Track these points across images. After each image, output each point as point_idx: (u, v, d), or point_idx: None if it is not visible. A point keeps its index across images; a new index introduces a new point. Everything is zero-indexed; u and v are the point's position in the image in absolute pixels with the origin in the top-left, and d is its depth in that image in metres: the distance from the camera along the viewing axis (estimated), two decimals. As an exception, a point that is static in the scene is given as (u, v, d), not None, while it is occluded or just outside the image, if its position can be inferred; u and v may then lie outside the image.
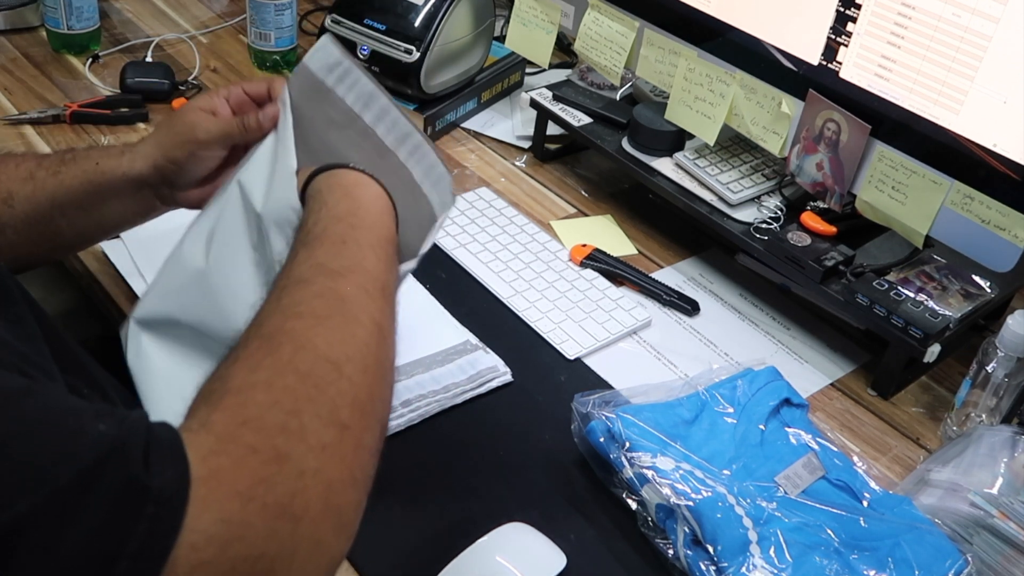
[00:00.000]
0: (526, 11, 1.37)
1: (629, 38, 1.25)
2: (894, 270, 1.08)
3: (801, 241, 1.11)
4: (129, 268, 1.07)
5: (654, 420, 0.90)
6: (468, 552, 0.81)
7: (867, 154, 1.03)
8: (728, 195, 1.17)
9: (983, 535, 0.83)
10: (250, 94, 0.93)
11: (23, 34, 1.56)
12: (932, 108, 0.97)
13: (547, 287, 1.14)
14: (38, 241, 0.92)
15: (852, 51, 1.02)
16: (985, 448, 0.90)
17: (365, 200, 0.73)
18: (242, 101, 0.92)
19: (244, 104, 0.92)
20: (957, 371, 1.10)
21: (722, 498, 0.83)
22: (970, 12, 0.91)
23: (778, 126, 1.11)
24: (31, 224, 0.90)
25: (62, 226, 0.92)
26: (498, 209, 1.27)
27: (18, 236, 0.90)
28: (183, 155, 0.90)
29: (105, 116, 1.36)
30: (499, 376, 1.00)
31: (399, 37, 1.36)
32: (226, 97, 0.92)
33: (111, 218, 0.95)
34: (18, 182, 0.90)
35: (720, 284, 1.21)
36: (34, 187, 0.90)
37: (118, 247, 1.10)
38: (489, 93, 1.52)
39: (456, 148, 1.42)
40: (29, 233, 0.91)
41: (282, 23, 1.50)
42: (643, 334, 1.11)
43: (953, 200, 0.97)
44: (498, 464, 0.92)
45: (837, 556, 0.82)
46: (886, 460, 0.99)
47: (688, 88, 1.19)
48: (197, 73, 1.50)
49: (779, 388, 0.96)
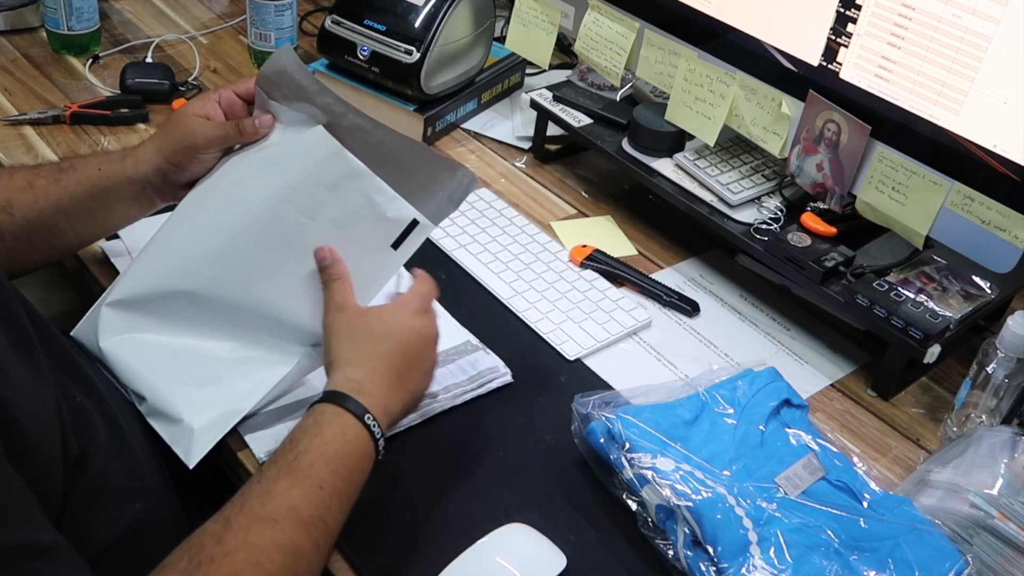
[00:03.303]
0: (526, 12, 1.37)
1: (629, 39, 1.25)
2: (894, 271, 1.08)
3: (801, 242, 1.11)
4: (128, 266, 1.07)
5: (654, 421, 0.89)
6: (468, 552, 0.81)
7: (867, 155, 1.03)
8: (728, 196, 1.17)
9: (983, 536, 0.83)
10: (239, 94, 0.98)
11: (23, 35, 1.56)
12: (932, 109, 0.97)
13: (547, 288, 1.14)
14: (37, 246, 0.96)
15: (852, 52, 1.02)
16: (985, 449, 0.90)
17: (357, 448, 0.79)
18: (232, 102, 0.98)
19: (235, 105, 0.98)
20: (957, 372, 1.10)
21: (722, 499, 0.83)
22: (970, 13, 0.91)
23: (778, 127, 1.11)
24: (32, 230, 0.94)
25: (64, 230, 0.96)
26: (498, 210, 1.27)
27: (16, 242, 0.94)
28: (184, 159, 0.95)
29: (105, 117, 1.36)
30: (499, 377, 1.00)
31: (399, 38, 1.36)
32: (217, 100, 0.97)
33: (114, 219, 1.00)
34: (16, 191, 0.94)
35: (720, 285, 1.21)
36: (35, 195, 0.94)
37: (118, 247, 1.10)
38: (489, 94, 1.52)
39: (456, 149, 1.42)
40: (29, 239, 0.94)
41: (282, 24, 1.50)
42: (643, 335, 1.11)
43: (953, 201, 0.97)
44: (498, 464, 0.92)
45: (837, 557, 0.82)
46: (886, 461, 0.99)
47: (688, 89, 1.19)
48: (197, 74, 1.50)
49: (779, 389, 0.96)
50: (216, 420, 0.88)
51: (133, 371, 0.91)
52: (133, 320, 0.93)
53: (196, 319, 0.92)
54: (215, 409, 0.89)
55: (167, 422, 0.88)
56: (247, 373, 0.91)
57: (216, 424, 0.88)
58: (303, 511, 0.72)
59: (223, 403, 0.89)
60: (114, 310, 0.93)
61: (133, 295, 0.93)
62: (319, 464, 0.75)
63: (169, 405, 0.89)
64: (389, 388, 0.83)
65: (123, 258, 1.08)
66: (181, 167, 0.96)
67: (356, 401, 0.80)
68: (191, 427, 0.87)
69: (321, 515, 0.73)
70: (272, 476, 0.75)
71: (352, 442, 0.78)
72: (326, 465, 0.76)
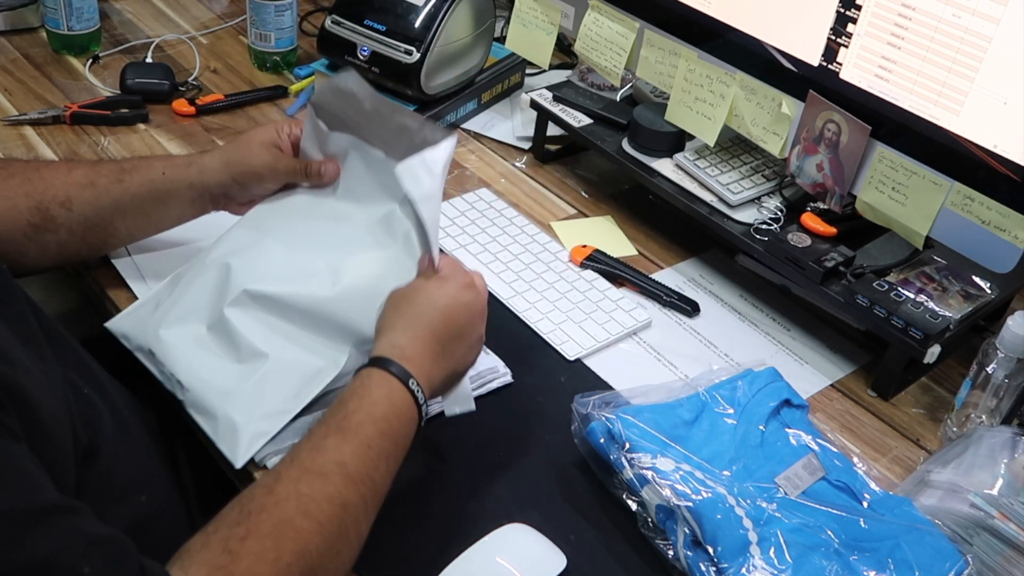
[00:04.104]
0: (526, 12, 1.37)
1: (629, 39, 1.25)
2: (894, 271, 1.08)
3: (801, 242, 1.11)
4: (128, 268, 1.07)
5: (654, 421, 0.89)
6: (468, 553, 0.81)
7: (867, 155, 1.04)
8: (728, 196, 1.17)
9: (983, 536, 0.83)
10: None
11: (23, 35, 1.56)
12: (932, 109, 0.97)
13: (547, 288, 1.14)
14: (89, 241, 1.01)
15: (852, 52, 1.02)
16: (985, 449, 0.90)
17: (403, 411, 0.80)
18: (297, 140, 1.03)
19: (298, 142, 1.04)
20: (957, 372, 1.10)
21: (722, 499, 0.83)
22: (970, 13, 0.91)
23: (778, 127, 1.11)
24: (88, 226, 0.99)
25: (119, 228, 1.01)
26: (498, 210, 1.27)
27: (71, 236, 0.98)
28: (250, 181, 1.02)
29: (105, 117, 1.36)
30: (499, 377, 1.00)
31: (399, 38, 1.36)
32: (288, 133, 1.03)
33: (167, 221, 1.05)
34: (76, 187, 0.98)
35: (720, 285, 1.21)
36: (96, 193, 0.99)
37: (118, 248, 1.10)
38: (489, 94, 1.52)
39: (456, 149, 1.41)
40: (84, 234, 0.99)
41: (282, 24, 1.50)
42: (643, 335, 1.11)
43: (953, 201, 0.97)
44: (498, 465, 0.92)
45: (837, 557, 0.82)
46: (886, 461, 0.99)
47: (688, 89, 1.19)
48: (197, 74, 1.50)
49: (779, 389, 0.96)
50: (264, 420, 0.88)
51: (185, 361, 0.92)
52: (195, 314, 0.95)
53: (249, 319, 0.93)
54: (264, 407, 0.88)
55: (211, 418, 0.88)
56: (296, 373, 0.90)
57: (265, 426, 0.87)
58: (351, 467, 0.74)
59: (271, 403, 0.89)
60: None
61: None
62: (367, 424, 0.77)
63: (217, 400, 0.89)
64: (432, 357, 0.84)
65: (123, 259, 1.08)
66: (244, 187, 1.02)
67: (400, 366, 0.81)
68: (241, 426, 0.87)
69: (369, 472, 0.75)
70: (322, 433, 0.76)
71: (398, 404, 0.79)
72: (374, 425, 0.77)
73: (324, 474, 0.73)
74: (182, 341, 0.93)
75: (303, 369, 0.91)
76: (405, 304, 0.86)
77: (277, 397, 0.89)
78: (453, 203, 1.27)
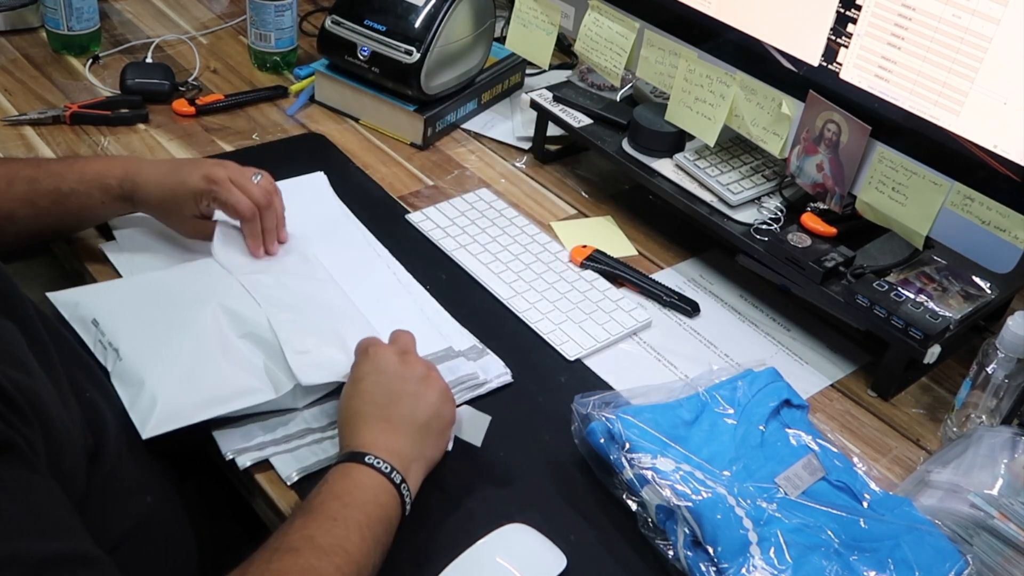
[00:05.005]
0: (526, 12, 1.37)
1: (629, 39, 1.25)
2: (894, 271, 1.08)
3: (801, 242, 1.11)
4: (128, 268, 1.07)
5: (654, 421, 0.89)
6: (468, 553, 0.81)
7: (867, 155, 1.03)
8: (728, 196, 1.17)
9: (983, 536, 0.83)
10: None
11: (23, 35, 1.56)
12: (932, 109, 0.97)
13: (547, 288, 1.14)
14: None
15: (852, 52, 1.02)
16: (985, 449, 0.90)
17: (361, 481, 0.80)
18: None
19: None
20: (957, 372, 1.10)
21: (722, 499, 0.83)
22: (970, 13, 0.91)
23: (778, 127, 1.11)
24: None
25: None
26: (498, 210, 1.27)
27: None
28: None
29: (105, 117, 1.36)
30: (499, 377, 1.00)
31: (399, 38, 1.36)
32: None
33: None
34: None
35: (720, 285, 1.21)
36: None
37: (116, 247, 1.10)
38: (489, 94, 1.52)
39: (456, 149, 1.42)
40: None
41: (282, 24, 1.50)
42: (643, 335, 1.11)
43: (953, 201, 0.97)
44: (498, 464, 0.92)
45: (837, 557, 0.82)
46: (886, 461, 0.99)
47: (688, 89, 1.19)
48: (197, 74, 1.50)
49: (779, 389, 0.96)
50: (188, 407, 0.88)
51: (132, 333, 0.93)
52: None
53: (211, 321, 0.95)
54: (188, 398, 0.89)
55: (136, 386, 0.89)
56: (233, 381, 0.91)
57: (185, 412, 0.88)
58: (320, 540, 0.74)
59: (196, 395, 0.89)
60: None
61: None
62: (329, 500, 0.78)
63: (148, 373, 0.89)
64: (378, 429, 0.84)
65: (122, 256, 1.08)
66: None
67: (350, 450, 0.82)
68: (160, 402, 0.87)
69: (340, 543, 0.75)
70: (289, 520, 0.78)
71: (356, 478, 0.80)
72: (336, 500, 0.78)
73: (294, 549, 0.73)
74: (138, 320, 0.95)
75: (243, 381, 0.91)
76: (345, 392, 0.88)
77: (205, 393, 0.89)
78: (453, 203, 1.27)
